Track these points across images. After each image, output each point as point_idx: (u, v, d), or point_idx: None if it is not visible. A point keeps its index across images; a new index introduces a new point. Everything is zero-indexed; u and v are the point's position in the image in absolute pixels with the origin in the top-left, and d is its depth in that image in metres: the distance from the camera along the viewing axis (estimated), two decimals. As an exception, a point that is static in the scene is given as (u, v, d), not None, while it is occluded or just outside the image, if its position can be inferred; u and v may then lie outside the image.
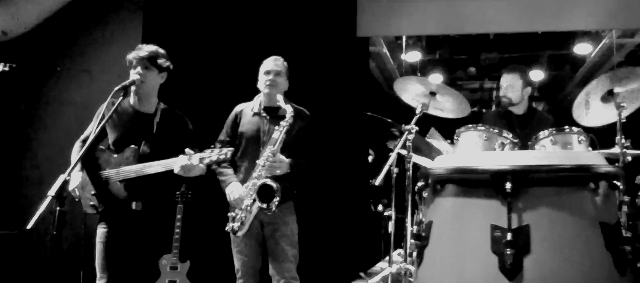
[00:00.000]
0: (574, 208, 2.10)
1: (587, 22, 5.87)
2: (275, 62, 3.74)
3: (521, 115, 4.59)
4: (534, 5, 5.76)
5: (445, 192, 2.29)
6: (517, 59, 8.33)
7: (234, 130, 3.77)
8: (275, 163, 3.44)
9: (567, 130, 3.75)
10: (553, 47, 8.09)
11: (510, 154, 2.19)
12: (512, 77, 4.57)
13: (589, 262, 2.06)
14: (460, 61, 8.53)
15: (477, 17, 5.84)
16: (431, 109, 3.96)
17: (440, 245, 2.24)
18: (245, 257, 3.60)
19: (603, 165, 2.20)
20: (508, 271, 2.03)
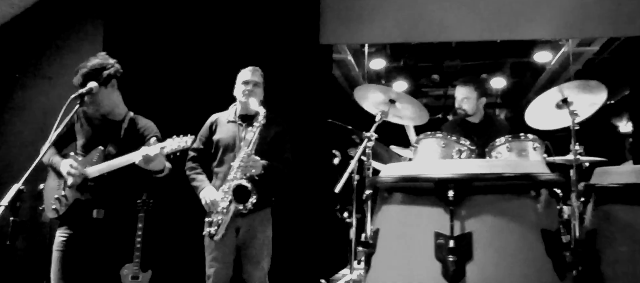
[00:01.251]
0: (515, 216, 2.16)
1: (545, 32, 5.98)
2: (254, 73, 3.79)
3: (478, 123, 4.68)
4: (493, 15, 5.85)
5: (392, 200, 2.33)
6: (479, 66, 8.45)
7: (208, 139, 3.78)
8: (250, 162, 3.46)
9: (522, 138, 3.83)
10: (514, 55, 8.21)
11: (454, 163, 2.24)
12: (466, 89, 4.67)
13: (530, 268, 2.11)
14: (424, 68, 8.61)
15: (439, 26, 5.91)
16: (391, 116, 3.99)
17: (386, 252, 2.28)
18: (218, 264, 3.58)
19: (544, 174, 2.26)
20: (451, 277, 2.07)
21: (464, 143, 3.77)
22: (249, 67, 3.82)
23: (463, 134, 4.22)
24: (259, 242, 3.63)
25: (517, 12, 5.82)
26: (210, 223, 3.48)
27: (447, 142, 3.79)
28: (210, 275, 3.60)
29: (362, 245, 2.33)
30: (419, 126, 4.13)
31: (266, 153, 3.64)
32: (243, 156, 3.46)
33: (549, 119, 3.88)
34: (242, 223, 3.56)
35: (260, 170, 3.52)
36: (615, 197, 2.43)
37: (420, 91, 9.38)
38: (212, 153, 3.73)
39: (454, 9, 5.88)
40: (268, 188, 3.66)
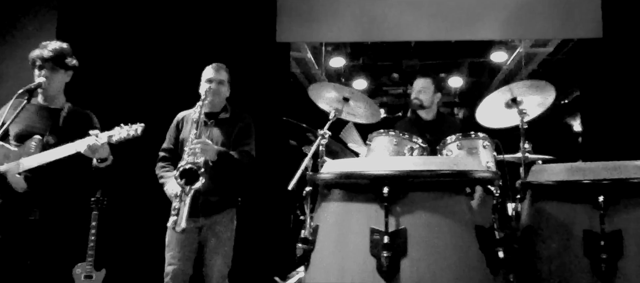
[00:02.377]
0: (450, 212, 2.19)
1: (499, 32, 6.09)
2: (218, 71, 3.74)
3: (431, 120, 4.73)
4: (449, 15, 5.93)
5: (331, 197, 2.35)
6: (437, 66, 8.57)
7: (177, 137, 3.74)
8: (199, 144, 3.37)
9: (472, 136, 3.89)
10: (471, 55, 8.36)
11: (390, 160, 2.27)
12: (424, 81, 4.72)
13: (464, 263, 2.15)
14: (383, 67, 8.69)
15: (396, 26, 5.96)
16: (345, 114, 4.01)
17: (325, 249, 2.29)
18: (178, 261, 3.54)
19: (479, 171, 2.31)
20: (385, 273, 2.10)
21: (415, 140, 3.83)
22: (214, 64, 3.78)
23: (416, 132, 4.29)
24: (221, 242, 3.60)
25: (472, 13, 5.90)
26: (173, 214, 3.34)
27: (399, 139, 3.84)
28: (169, 273, 3.56)
29: (301, 242, 2.35)
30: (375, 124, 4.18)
31: (230, 147, 3.62)
32: (191, 138, 3.42)
33: (499, 118, 3.96)
34: (205, 222, 3.53)
35: (214, 156, 3.45)
36: (549, 194, 2.49)
37: (381, 90, 9.47)
38: (179, 153, 3.66)
39: (410, 9, 5.93)
40: (234, 188, 3.65)
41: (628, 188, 2.35)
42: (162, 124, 3.87)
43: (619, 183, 2.34)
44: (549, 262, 2.39)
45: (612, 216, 2.30)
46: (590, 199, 2.30)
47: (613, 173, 2.36)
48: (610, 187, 2.33)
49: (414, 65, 8.35)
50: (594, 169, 2.41)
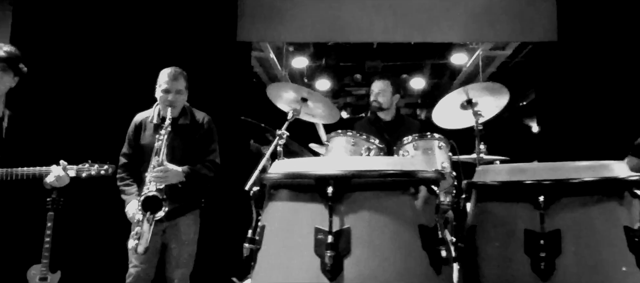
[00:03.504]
0: (393, 212, 2.22)
1: (458, 35, 6.20)
2: (177, 80, 3.64)
3: (390, 121, 4.79)
4: (409, 17, 6.00)
5: (278, 197, 2.36)
6: (400, 67, 8.67)
7: (136, 142, 3.70)
8: (161, 173, 3.39)
9: (428, 136, 3.96)
10: (433, 56, 8.48)
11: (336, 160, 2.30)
12: (382, 83, 4.78)
13: (407, 262, 2.18)
14: (346, 68, 8.75)
15: (358, 27, 6.01)
16: (303, 114, 4.02)
17: (271, 249, 2.30)
18: (141, 264, 3.53)
19: (423, 171, 2.34)
20: (329, 272, 2.11)
21: (373, 141, 3.87)
22: (172, 70, 3.68)
23: (375, 132, 4.35)
24: (184, 244, 3.61)
25: (432, 15, 5.99)
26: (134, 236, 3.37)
27: (356, 140, 3.88)
28: (132, 275, 3.55)
29: (248, 242, 2.36)
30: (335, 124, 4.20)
31: (193, 157, 3.61)
32: (154, 164, 3.40)
33: (454, 119, 4.03)
34: (169, 224, 3.53)
35: (181, 177, 3.48)
36: (492, 195, 2.54)
37: (344, 90, 9.52)
38: (140, 158, 3.65)
39: (372, 11, 5.99)
40: (196, 190, 3.64)
41: (567, 189, 2.40)
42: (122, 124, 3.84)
43: (559, 183, 2.39)
44: (492, 260, 2.44)
45: (551, 215, 2.35)
46: (531, 199, 2.34)
47: (553, 173, 2.42)
48: (551, 187, 2.38)
49: (376, 66, 8.42)
50: (535, 170, 2.47)
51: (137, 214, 3.35)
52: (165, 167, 3.41)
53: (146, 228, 3.32)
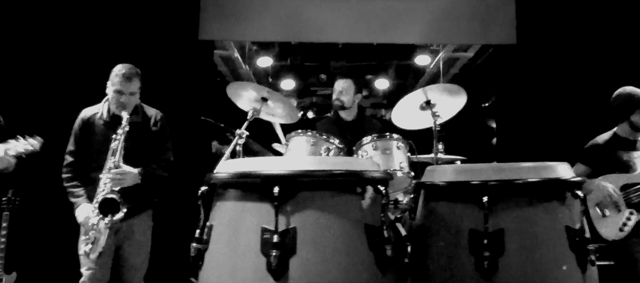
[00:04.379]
0: (340, 211, 2.25)
1: (421, 37, 6.27)
2: (131, 82, 3.49)
3: (351, 121, 4.82)
4: (374, 18, 6.03)
5: (225, 196, 2.36)
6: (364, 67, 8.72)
7: (84, 139, 3.56)
8: (118, 175, 3.32)
9: (387, 137, 4.00)
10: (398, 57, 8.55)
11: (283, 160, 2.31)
12: (345, 82, 4.81)
13: (353, 262, 2.20)
14: (311, 68, 8.77)
15: (321, 27, 6.01)
16: (263, 114, 4.03)
17: (218, 248, 2.31)
18: (95, 266, 3.42)
19: (370, 171, 2.37)
20: (274, 271, 2.13)
21: (332, 141, 3.89)
22: (127, 70, 3.52)
23: (337, 132, 4.37)
24: (138, 245, 3.56)
25: (395, 17, 6.03)
26: (85, 241, 3.30)
27: (316, 140, 3.90)
28: (86, 277, 3.44)
29: (195, 242, 2.35)
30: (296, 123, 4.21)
31: (146, 156, 3.54)
32: (110, 166, 3.32)
33: (413, 119, 4.08)
34: (122, 225, 3.44)
35: (136, 179, 3.41)
36: (440, 194, 2.58)
37: (309, 90, 9.55)
38: (87, 157, 3.54)
39: (336, 11, 6.01)
40: (149, 190, 3.57)
41: (511, 189, 2.45)
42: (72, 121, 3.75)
43: (504, 184, 2.44)
44: (438, 259, 2.48)
45: (495, 215, 2.39)
46: (476, 199, 2.38)
47: (498, 174, 2.46)
48: (495, 187, 2.42)
49: (341, 67, 8.46)
50: (481, 170, 2.52)
51: (91, 218, 3.27)
52: (123, 170, 3.34)
53: (102, 232, 3.25)
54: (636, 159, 3.77)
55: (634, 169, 3.73)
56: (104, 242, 3.25)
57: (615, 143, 3.84)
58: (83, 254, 3.32)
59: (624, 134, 3.84)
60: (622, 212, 3.66)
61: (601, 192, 3.66)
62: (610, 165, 3.78)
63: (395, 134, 4.03)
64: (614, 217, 3.67)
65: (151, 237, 3.66)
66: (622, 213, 3.66)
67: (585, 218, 3.69)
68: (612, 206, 3.68)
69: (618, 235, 3.64)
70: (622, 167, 3.76)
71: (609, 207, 3.69)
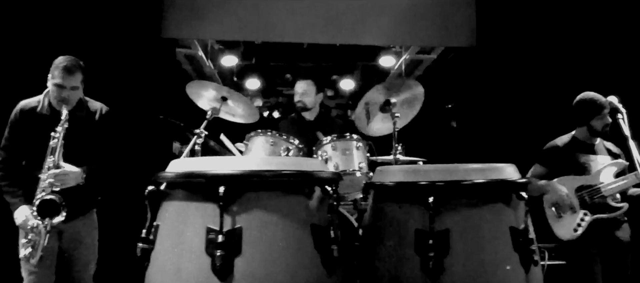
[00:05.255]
0: (286, 212, 2.26)
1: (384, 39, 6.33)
2: (72, 76, 3.26)
3: (313, 121, 4.83)
4: (337, 19, 6.05)
5: (172, 196, 2.35)
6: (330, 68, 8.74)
7: (21, 134, 3.34)
8: (59, 175, 3.14)
9: (347, 137, 4.01)
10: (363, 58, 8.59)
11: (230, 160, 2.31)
12: (306, 83, 4.83)
13: (298, 262, 2.22)
14: (277, 68, 8.77)
15: (285, 27, 6.02)
16: (222, 113, 4.01)
17: (163, 248, 2.29)
18: (38, 270, 3.24)
19: (318, 172, 2.39)
20: (219, 271, 2.13)
21: (292, 141, 3.89)
22: (68, 62, 3.30)
23: (298, 132, 4.36)
24: (85, 246, 3.44)
25: (358, 18, 6.07)
26: (25, 245, 3.15)
27: (275, 140, 3.90)
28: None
29: (141, 241, 2.33)
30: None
31: (90, 153, 3.38)
32: (49, 165, 3.15)
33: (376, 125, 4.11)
34: (66, 227, 3.29)
35: (80, 179, 3.25)
36: (388, 195, 2.61)
37: (274, 90, 9.53)
38: (23, 153, 3.35)
39: (300, 11, 6.02)
40: (93, 189, 3.46)
41: (458, 190, 2.49)
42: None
43: (450, 184, 2.48)
44: (385, 260, 2.51)
45: (441, 216, 2.42)
46: (423, 200, 2.41)
47: (446, 175, 2.50)
48: (442, 188, 2.45)
49: (307, 67, 8.48)
50: (429, 171, 2.55)
51: (30, 220, 3.11)
52: (64, 170, 3.16)
53: (42, 235, 3.08)
54: (592, 162, 3.87)
55: (590, 172, 3.82)
56: (44, 245, 3.08)
57: (574, 146, 3.93)
58: (23, 258, 3.17)
59: (582, 137, 3.93)
60: (576, 212, 3.75)
61: (557, 193, 3.76)
62: (568, 167, 3.87)
63: (355, 134, 4.04)
64: (569, 217, 3.77)
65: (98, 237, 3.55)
66: (576, 214, 3.75)
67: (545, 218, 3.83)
68: (568, 207, 3.77)
69: (572, 235, 3.74)
70: (578, 169, 3.85)
71: (565, 207, 3.78)
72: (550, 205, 3.85)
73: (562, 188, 3.75)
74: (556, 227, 3.83)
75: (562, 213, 3.81)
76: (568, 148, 3.93)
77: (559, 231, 3.82)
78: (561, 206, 3.79)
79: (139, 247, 2.33)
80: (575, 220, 3.75)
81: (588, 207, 3.74)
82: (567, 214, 3.79)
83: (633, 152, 3.06)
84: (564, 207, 3.78)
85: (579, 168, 3.85)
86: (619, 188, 3.73)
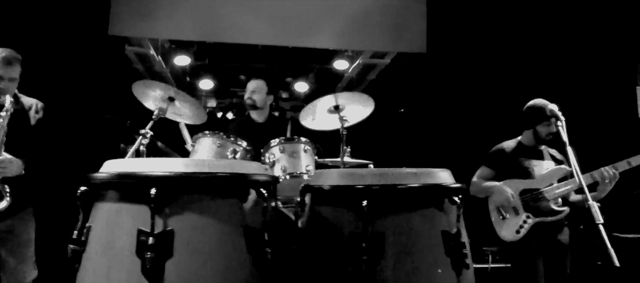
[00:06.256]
0: (220, 214, 2.25)
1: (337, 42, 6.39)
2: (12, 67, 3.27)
3: (262, 123, 4.83)
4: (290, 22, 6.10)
5: (105, 198, 2.31)
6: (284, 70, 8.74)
7: None
8: (3, 162, 3.13)
9: (295, 140, 4.01)
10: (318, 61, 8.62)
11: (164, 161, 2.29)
12: (258, 82, 4.84)
13: (230, 264, 2.22)
14: (231, 69, 8.72)
15: (238, 28, 6.03)
16: (169, 113, 3.97)
17: (95, 250, 2.26)
18: None
19: (253, 174, 2.39)
20: (149, 274, 2.11)
21: (240, 143, 3.88)
22: (7, 54, 3.31)
23: (247, 133, 4.35)
24: (21, 246, 3.36)
25: (311, 21, 6.12)
26: None
27: (222, 141, 3.87)
28: None
29: (71, 243, 2.29)
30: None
31: (23, 148, 3.32)
32: None
33: (322, 123, 4.13)
34: (1, 225, 3.26)
35: (19, 170, 3.21)
36: (324, 198, 2.63)
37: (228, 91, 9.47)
38: None
39: (253, 13, 6.03)
40: (29, 186, 3.40)
41: (392, 194, 2.52)
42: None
43: (385, 188, 2.51)
44: (319, 263, 2.52)
45: (375, 220, 2.44)
46: (358, 203, 2.42)
47: (381, 179, 2.52)
48: (376, 192, 2.48)
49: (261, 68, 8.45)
50: (364, 175, 2.58)
51: None
52: (8, 157, 3.16)
53: None
54: (536, 167, 3.98)
55: (534, 176, 3.93)
56: None
57: (519, 151, 4.04)
58: None
59: (528, 142, 4.04)
60: (520, 215, 3.86)
61: (501, 195, 3.87)
62: (513, 170, 3.98)
63: (303, 137, 4.06)
64: (513, 219, 3.87)
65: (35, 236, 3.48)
66: (519, 217, 3.86)
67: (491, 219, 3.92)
68: (511, 209, 3.88)
69: (515, 237, 3.85)
70: (523, 173, 3.96)
71: (508, 210, 3.89)
72: (495, 206, 3.95)
73: (507, 189, 3.86)
74: (500, 229, 3.93)
75: (506, 215, 3.91)
76: (513, 152, 4.04)
77: (502, 232, 3.92)
78: (505, 207, 3.90)
79: (69, 248, 2.29)
80: (518, 222, 3.86)
81: (531, 210, 3.86)
82: (511, 216, 3.90)
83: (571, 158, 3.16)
84: (508, 209, 3.89)
85: (523, 172, 3.96)
86: (561, 193, 3.86)
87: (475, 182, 4.12)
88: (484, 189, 4.02)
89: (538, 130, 3.95)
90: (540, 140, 3.99)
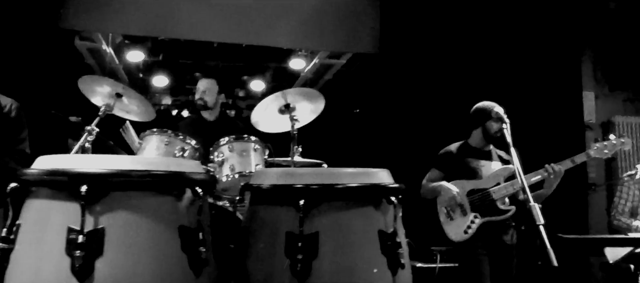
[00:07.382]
0: (153, 212, 2.23)
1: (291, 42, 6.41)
2: None
3: (213, 121, 4.81)
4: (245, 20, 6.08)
5: (36, 195, 2.26)
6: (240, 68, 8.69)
7: None
8: None
9: (245, 139, 4.00)
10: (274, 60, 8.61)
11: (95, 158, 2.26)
12: (208, 81, 4.81)
13: (163, 263, 2.20)
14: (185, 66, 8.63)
15: (192, 24, 5.97)
16: (117, 110, 3.92)
17: (24, 248, 2.21)
18: None
19: (189, 173, 2.37)
20: (78, 273, 2.08)
21: (188, 141, 3.84)
22: None
23: (197, 132, 4.32)
24: None
25: (266, 20, 6.12)
26: None
27: (170, 140, 3.84)
28: None
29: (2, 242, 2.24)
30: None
31: None
32: None
33: (273, 122, 4.13)
34: None
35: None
36: (262, 197, 2.64)
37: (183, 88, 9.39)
38: None
39: (207, 10, 5.99)
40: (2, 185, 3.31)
41: (329, 193, 2.54)
42: None
43: (322, 188, 2.52)
44: (257, 262, 2.52)
45: (311, 219, 2.46)
46: (294, 202, 2.45)
47: (319, 179, 2.54)
48: (313, 191, 2.50)
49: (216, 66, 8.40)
50: (302, 174, 2.59)
51: None
52: None
53: None
54: (483, 167, 4.06)
55: (481, 176, 4.01)
56: None
57: (466, 151, 4.12)
58: None
59: (476, 143, 4.12)
60: (467, 215, 3.93)
61: (449, 194, 3.92)
62: (460, 171, 4.05)
63: (253, 136, 4.05)
64: (460, 219, 3.94)
65: None
66: (467, 217, 3.93)
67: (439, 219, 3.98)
68: (459, 209, 3.95)
69: (463, 237, 3.92)
70: (470, 174, 4.04)
71: (456, 210, 3.95)
72: (443, 206, 4.01)
73: (453, 188, 3.92)
74: (448, 229, 4.00)
75: (454, 215, 3.98)
76: (460, 153, 4.11)
77: (450, 233, 3.98)
78: (453, 207, 3.95)
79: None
80: (465, 222, 3.93)
81: (478, 210, 3.93)
82: (458, 216, 3.96)
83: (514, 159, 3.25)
84: (455, 207, 3.95)
85: (470, 172, 4.04)
86: (507, 192, 3.94)
87: (424, 184, 4.18)
88: (431, 190, 4.09)
89: (487, 127, 4.03)
90: (490, 138, 4.06)
